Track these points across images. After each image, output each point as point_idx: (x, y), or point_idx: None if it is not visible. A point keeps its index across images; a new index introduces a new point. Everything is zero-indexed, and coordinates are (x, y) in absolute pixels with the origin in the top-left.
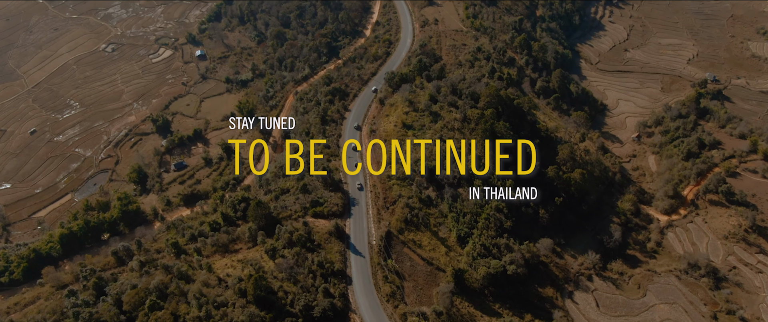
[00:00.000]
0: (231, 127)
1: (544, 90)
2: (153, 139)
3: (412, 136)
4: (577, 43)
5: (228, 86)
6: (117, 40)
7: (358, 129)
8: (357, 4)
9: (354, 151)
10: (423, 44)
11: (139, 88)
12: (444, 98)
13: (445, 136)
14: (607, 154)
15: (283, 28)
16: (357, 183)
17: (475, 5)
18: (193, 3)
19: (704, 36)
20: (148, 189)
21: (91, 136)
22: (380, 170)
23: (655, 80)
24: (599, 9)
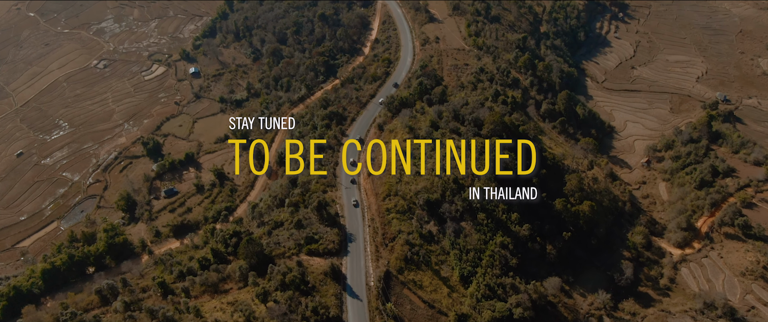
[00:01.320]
0: (231, 126)
1: (549, 113)
2: (143, 163)
3: (412, 165)
4: (582, 61)
5: (222, 106)
6: (109, 56)
7: (355, 165)
8: (356, 21)
9: (352, 183)
10: (423, 65)
11: (131, 107)
12: (446, 124)
13: (446, 166)
14: (616, 182)
15: (279, 44)
16: (352, 200)
17: (477, 22)
18: (188, 17)
19: (713, 52)
20: (137, 218)
21: (79, 160)
22: (379, 198)
23: (663, 100)
24: (604, 24)
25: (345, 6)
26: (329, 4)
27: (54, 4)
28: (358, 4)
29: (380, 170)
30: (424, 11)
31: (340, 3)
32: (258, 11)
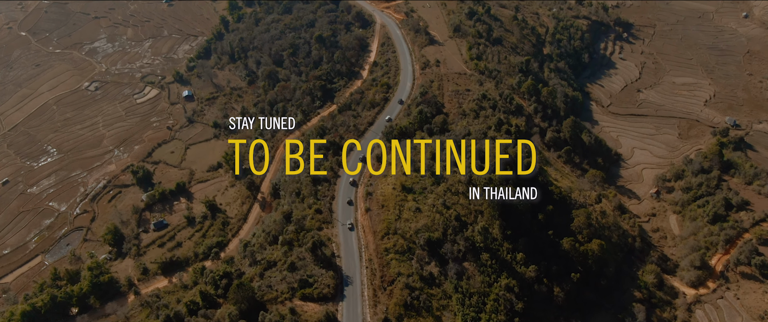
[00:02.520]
0: (231, 126)
1: (554, 141)
2: (133, 193)
3: (412, 201)
4: (586, 83)
5: (216, 132)
6: (101, 78)
7: (353, 185)
8: (354, 43)
9: (350, 229)
10: (424, 92)
11: (122, 132)
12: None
13: (448, 202)
14: (625, 215)
15: (275, 67)
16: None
17: (478, 45)
18: (182, 37)
19: (720, 74)
20: (125, 253)
21: (67, 188)
22: (377, 237)
23: (671, 125)
24: (609, 45)
25: (343, 28)
26: (327, 25)
27: (47, 23)
28: (356, 25)
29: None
30: (424, 33)
31: (338, 25)
32: (254, 32)
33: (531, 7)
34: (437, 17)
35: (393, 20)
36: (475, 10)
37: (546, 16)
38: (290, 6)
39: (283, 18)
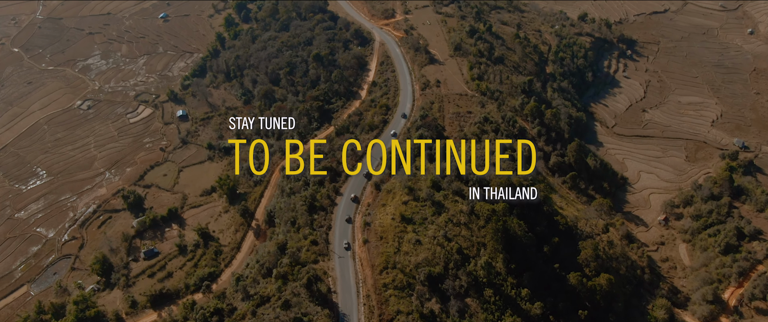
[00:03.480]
0: (231, 127)
1: (559, 166)
2: (123, 218)
3: (412, 232)
4: (590, 103)
5: (210, 153)
6: (94, 96)
7: (349, 222)
8: (353, 62)
9: (346, 249)
10: (424, 115)
11: (114, 153)
12: (448, 185)
13: (449, 234)
14: (633, 245)
15: (272, 86)
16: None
17: (480, 64)
18: (177, 54)
19: (727, 93)
20: (113, 284)
21: (55, 213)
22: (376, 271)
23: (678, 147)
24: (612, 62)
25: (341, 46)
26: (325, 43)
27: (40, 39)
28: (355, 43)
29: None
30: (424, 52)
31: (336, 43)
32: (250, 49)
33: (533, 24)
34: (437, 35)
35: (392, 38)
36: (476, 28)
37: (548, 34)
38: (287, 23)
39: (280, 35)
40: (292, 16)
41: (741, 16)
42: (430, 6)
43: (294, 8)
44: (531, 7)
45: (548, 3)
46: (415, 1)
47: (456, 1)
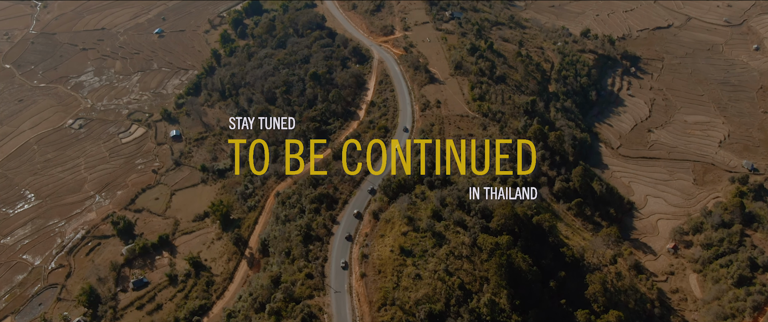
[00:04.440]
0: (231, 126)
1: (563, 192)
2: (113, 245)
3: (411, 266)
4: (595, 123)
5: (203, 176)
6: (86, 115)
7: (349, 239)
8: (351, 81)
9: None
10: (424, 138)
11: (104, 175)
12: (449, 214)
13: (451, 268)
14: (642, 276)
15: (267, 105)
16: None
17: (481, 83)
18: (172, 71)
19: (734, 112)
20: (100, 316)
21: (42, 239)
22: (374, 308)
23: (685, 169)
24: (616, 80)
25: (339, 64)
26: (322, 61)
27: (33, 55)
28: (353, 60)
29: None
30: (423, 70)
31: (334, 61)
32: (246, 67)
33: (535, 40)
34: (438, 53)
35: (391, 55)
36: (477, 46)
37: (551, 51)
38: (284, 40)
39: (276, 53)
40: (289, 33)
41: (746, 32)
42: (429, 22)
43: (291, 24)
44: (533, 22)
45: (550, 18)
46: (414, 18)
47: (457, 17)
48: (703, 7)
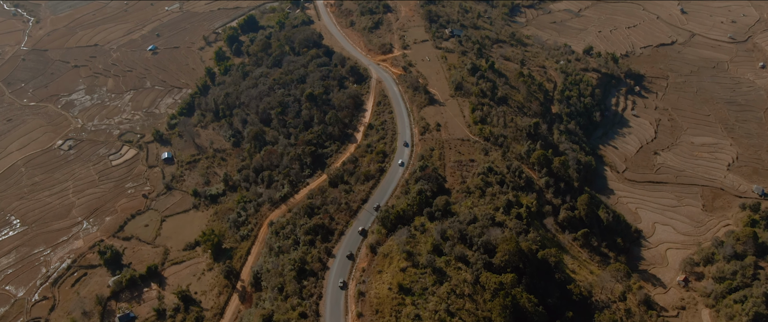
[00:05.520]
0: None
1: (569, 222)
2: (100, 275)
3: (410, 305)
4: (599, 145)
5: (195, 201)
6: (76, 135)
7: (344, 287)
8: (348, 102)
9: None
10: (423, 166)
11: (93, 200)
12: (451, 249)
13: (452, 308)
14: (652, 312)
15: (262, 126)
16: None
17: (482, 105)
18: (165, 89)
19: (741, 133)
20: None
21: (27, 268)
22: None
23: (693, 194)
24: (620, 100)
25: (336, 83)
26: (319, 82)
27: (23, 72)
28: (350, 80)
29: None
30: (423, 91)
31: (331, 81)
32: (241, 86)
33: (537, 59)
34: (437, 72)
35: (390, 75)
36: (478, 66)
37: (553, 70)
38: (280, 59)
39: (272, 72)
40: (285, 51)
41: (751, 49)
42: (429, 40)
43: (287, 42)
44: (534, 39)
45: (552, 35)
46: (413, 35)
47: (457, 35)
48: (707, 24)
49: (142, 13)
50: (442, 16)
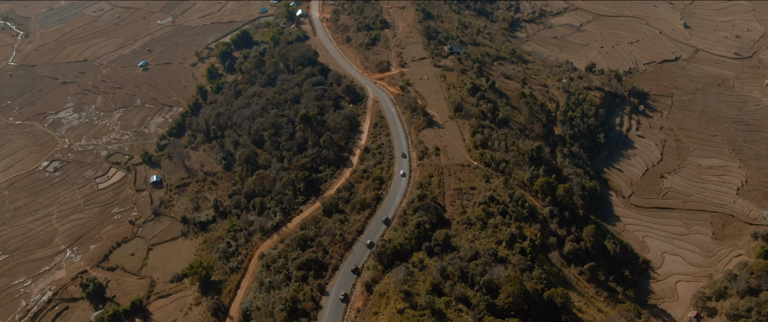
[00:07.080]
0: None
1: (575, 254)
2: (82, 309)
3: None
4: (604, 168)
5: (184, 228)
6: (62, 156)
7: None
8: (343, 124)
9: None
10: (422, 195)
11: (77, 227)
12: (451, 289)
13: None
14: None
15: (255, 148)
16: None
17: (483, 128)
18: (156, 108)
19: (750, 154)
20: None
21: (6, 301)
22: None
23: (702, 221)
24: (624, 119)
25: (331, 104)
26: (314, 102)
27: (10, 89)
28: (346, 99)
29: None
30: (421, 112)
31: (326, 101)
32: (233, 106)
33: (539, 77)
34: (436, 92)
35: (387, 94)
36: (479, 85)
37: (556, 89)
38: (274, 77)
39: (265, 91)
40: (279, 68)
41: (756, 65)
42: (427, 58)
43: (281, 59)
44: (535, 56)
45: (553, 51)
46: (411, 52)
47: (456, 52)
48: (711, 39)
49: (133, 27)
50: (441, 32)
